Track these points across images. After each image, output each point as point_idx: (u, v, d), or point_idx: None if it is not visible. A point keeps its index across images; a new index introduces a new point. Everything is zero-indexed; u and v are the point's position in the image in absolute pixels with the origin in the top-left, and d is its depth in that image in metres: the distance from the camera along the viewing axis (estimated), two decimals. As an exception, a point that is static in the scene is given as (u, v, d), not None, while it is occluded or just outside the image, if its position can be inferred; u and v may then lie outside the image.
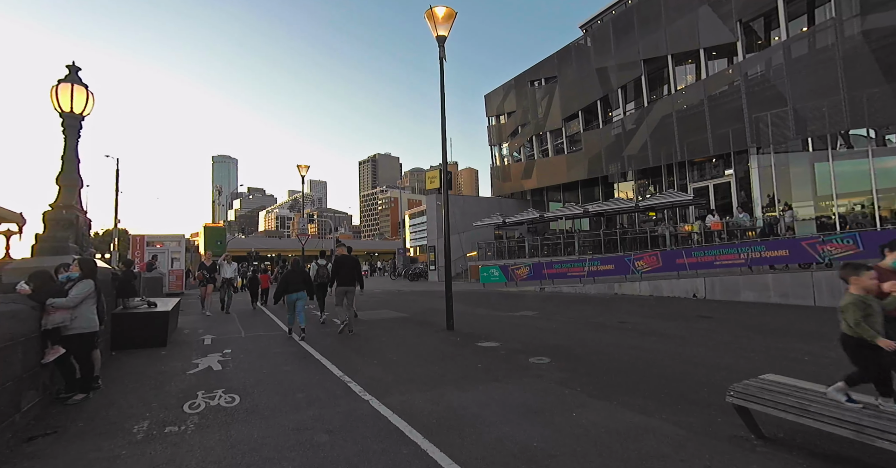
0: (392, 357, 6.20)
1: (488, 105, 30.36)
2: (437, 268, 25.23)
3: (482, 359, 5.94)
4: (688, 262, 12.32)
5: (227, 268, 12.23)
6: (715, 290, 11.62)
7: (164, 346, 7.24)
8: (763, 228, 12.02)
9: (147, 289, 12.53)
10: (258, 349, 6.99)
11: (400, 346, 6.99)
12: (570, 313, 10.70)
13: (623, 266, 13.74)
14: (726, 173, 16.78)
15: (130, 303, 7.49)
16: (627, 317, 9.66)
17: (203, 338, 8.11)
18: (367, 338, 7.81)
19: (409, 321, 9.99)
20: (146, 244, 19.42)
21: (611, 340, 7.06)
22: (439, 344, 7.12)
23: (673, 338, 7.06)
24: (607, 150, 20.73)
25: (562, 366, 5.42)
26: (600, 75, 20.86)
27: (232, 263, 12.61)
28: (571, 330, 8.25)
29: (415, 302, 14.52)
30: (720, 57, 16.48)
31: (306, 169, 22.52)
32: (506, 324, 9.12)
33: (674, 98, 17.48)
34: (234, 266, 12.68)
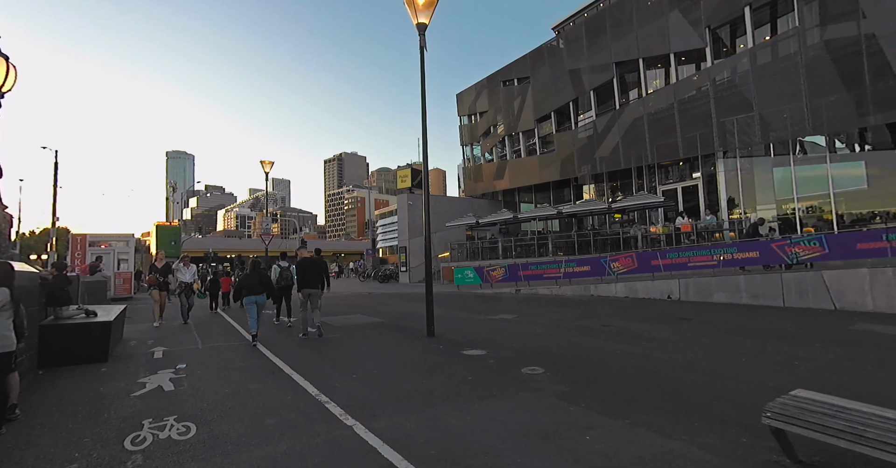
0: (373, 369, 5.63)
1: (460, 104, 30.05)
2: (408, 269, 24.62)
3: (471, 369, 5.49)
4: (662, 264, 12.40)
5: (186, 272, 10.47)
6: (689, 292, 11.73)
7: (105, 362, 6.33)
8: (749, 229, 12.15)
9: (88, 295, 11.25)
10: (218, 363, 6.22)
11: (380, 356, 6.42)
12: (551, 316, 10.45)
13: (599, 267, 13.70)
14: (694, 176, 17.22)
15: (63, 312, 6.50)
16: (610, 319, 9.50)
17: (153, 350, 7.20)
18: (342, 348, 7.17)
19: (385, 327, 9.40)
20: (89, 244, 17.66)
21: (600, 346, 6.79)
22: (422, 353, 6.60)
23: (663, 343, 6.88)
24: (579, 151, 20.87)
25: (558, 377, 5.05)
26: (573, 77, 20.98)
27: (190, 266, 10.74)
28: (557, 334, 7.95)
29: (388, 305, 13.90)
30: (689, 62, 16.89)
31: (270, 165, 21.33)
32: (488, 329, 8.72)
33: (645, 101, 17.78)
34: (193, 269, 10.77)
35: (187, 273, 10.50)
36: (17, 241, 42.48)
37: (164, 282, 10.08)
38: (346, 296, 17.81)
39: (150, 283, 10.24)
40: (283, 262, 10.90)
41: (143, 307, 15.28)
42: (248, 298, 7.70)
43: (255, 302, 7.68)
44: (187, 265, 10.68)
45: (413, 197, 25.36)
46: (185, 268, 10.55)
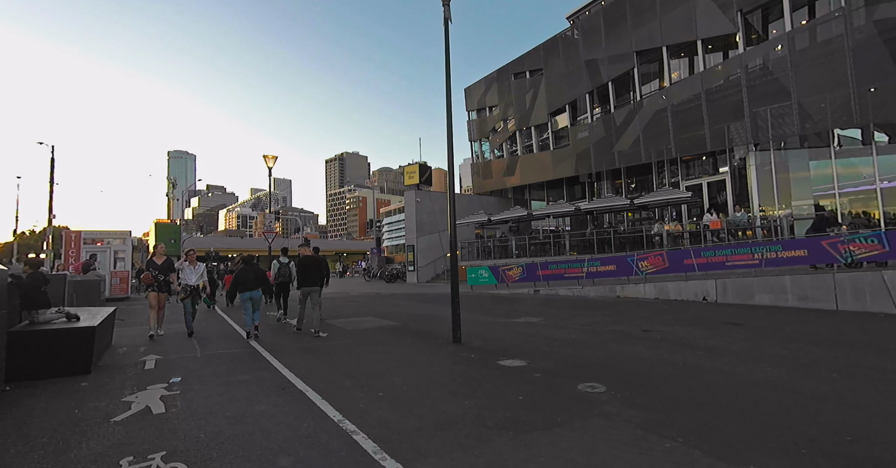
0: (401, 385, 4.76)
1: (468, 99, 29.17)
2: (416, 268, 23.76)
3: (518, 386, 4.61)
4: (696, 263, 11.51)
5: (191, 272, 8.39)
6: (727, 293, 10.84)
7: (88, 374, 5.47)
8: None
9: (79, 296, 10.41)
10: (219, 375, 5.36)
11: (406, 368, 5.55)
12: (581, 319, 9.58)
13: (625, 267, 12.82)
14: (721, 170, 16.32)
15: (40, 316, 5.64)
16: (647, 324, 8.63)
17: (144, 359, 6.34)
18: (358, 356, 6.30)
19: (402, 331, 8.53)
20: (83, 241, 16.82)
21: (652, 356, 5.91)
22: (453, 364, 5.73)
23: (722, 353, 6.00)
24: (596, 145, 19.98)
25: (626, 397, 4.17)
26: (589, 68, 20.09)
27: (198, 265, 8.60)
28: (596, 341, 7.08)
29: (400, 306, 13.04)
30: (716, 50, 15.99)
31: (273, 159, 20.51)
32: (517, 335, 7.86)
33: (668, 92, 16.87)
34: (202, 269, 8.58)
35: (193, 273, 8.39)
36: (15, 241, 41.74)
37: (164, 282, 8.17)
38: (354, 297, 16.96)
39: (146, 283, 8.15)
40: (284, 259, 10.63)
41: (138, 308, 14.44)
42: (244, 294, 7.91)
43: (249, 297, 7.89)
44: (193, 263, 8.49)
45: (421, 193, 24.50)
46: (191, 267, 8.43)
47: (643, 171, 19.44)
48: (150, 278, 8.08)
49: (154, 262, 8.27)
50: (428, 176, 24.98)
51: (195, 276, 8.38)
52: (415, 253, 23.88)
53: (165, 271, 8.20)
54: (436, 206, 24.70)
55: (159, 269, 8.14)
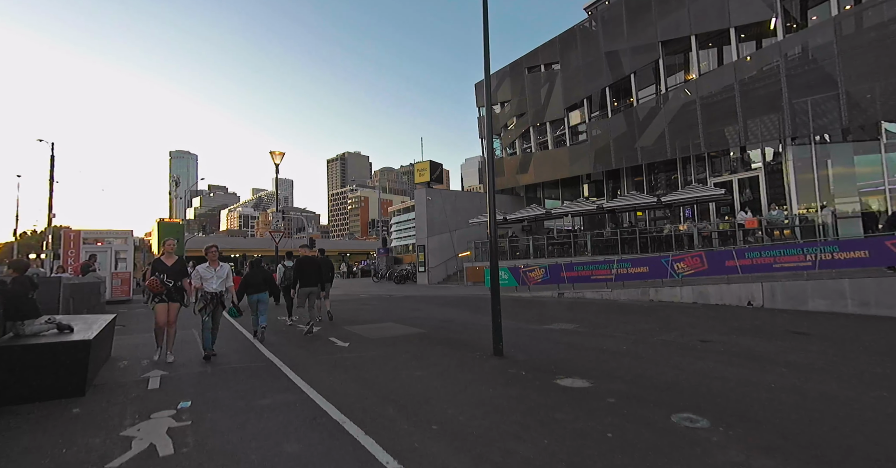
0: (455, 413, 3.96)
1: (478, 94, 28.33)
2: (427, 269, 22.97)
3: (597, 416, 3.81)
4: (739, 265, 10.70)
5: (212, 276, 6.49)
6: (776, 297, 10.02)
7: (82, 396, 4.69)
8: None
9: (76, 300, 9.61)
10: (235, 397, 4.57)
11: (452, 388, 4.75)
12: (621, 327, 8.79)
13: (659, 268, 12.01)
14: (753, 166, 15.48)
15: (26, 327, 4.86)
16: (700, 332, 7.84)
17: (147, 375, 5.56)
18: (392, 372, 5.51)
19: (432, 341, 7.73)
20: (83, 241, 16.07)
21: (733, 375, 5.10)
22: (506, 384, 4.93)
23: (811, 371, 5.21)
24: (616, 141, 19.15)
25: (739, 435, 3.37)
26: (610, 60, 19.26)
27: (221, 266, 6.68)
28: (655, 354, 6.28)
29: (419, 310, 12.24)
30: (749, 39, 15.15)
31: (281, 156, 19.73)
32: (560, 346, 7.07)
33: (697, 83, 16.03)
34: (226, 271, 6.66)
35: (215, 276, 6.48)
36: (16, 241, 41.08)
37: (176, 289, 6.17)
38: (366, 300, 16.17)
39: (153, 290, 6.08)
40: (289, 262, 10.68)
41: (141, 312, 13.68)
42: (251, 297, 7.87)
43: (257, 299, 7.88)
44: (215, 263, 6.58)
45: (432, 191, 23.70)
46: (212, 269, 6.51)
47: (666, 167, 18.61)
48: (157, 285, 5.98)
49: (162, 263, 6.17)
50: (439, 173, 24.21)
51: (218, 281, 6.46)
52: (426, 253, 23.09)
53: (177, 275, 6.19)
54: (447, 205, 23.93)
55: (169, 273, 6.10)
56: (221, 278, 6.56)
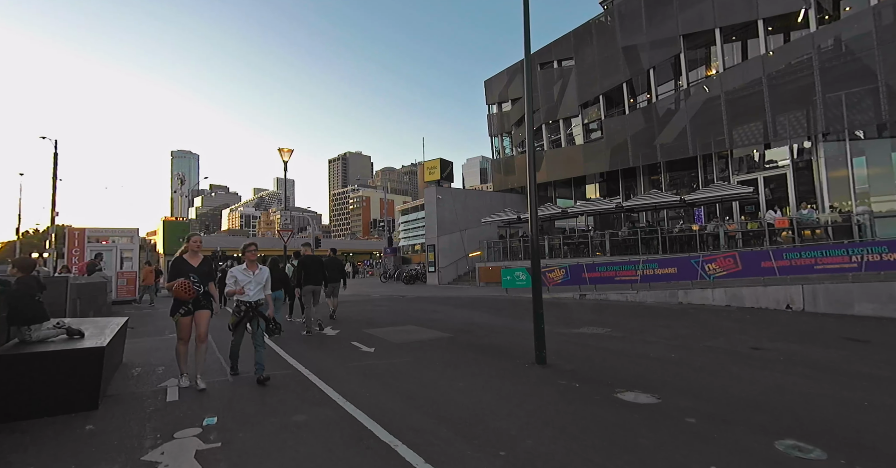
0: (521, 436, 3.48)
1: (488, 92, 27.88)
2: (437, 269, 22.48)
3: (686, 442, 3.33)
4: (777, 266, 10.20)
5: (249, 281, 5.20)
6: (817, 300, 9.51)
7: (95, 410, 4.23)
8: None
9: (82, 300, 9.15)
10: (266, 413, 4.09)
11: (505, 404, 4.26)
12: (658, 331, 8.32)
13: (688, 269, 11.52)
14: (781, 164, 14.96)
15: (33, 333, 4.40)
16: (747, 338, 7.36)
17: (164, 384, 5.10)
18: (432, 383, 5.03)
19: (461, 346, 7.26)
20: (87, 240, 15.63)
21: (811, 390, 4.61)
22: (564, 399, 4.44)
23: (890, 383, 4.73)
24: (634, 138, 18.65)
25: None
26: (627, 55, 18.76)
27: (260, 269, 5.38)
28: (711, 364, 5.80)
29: (437, 312, 11.76)
30: (776, 31, 14.64)
31: (289, 153, 19.26)
32: (603, 353, 6.60)
33: (722, 78, 15.52)
34: (265, 275, 5.39)
35: (253, 282, 5.18)
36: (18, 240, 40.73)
37: (203, 295, 4.91)
38: (378, 301, 15.70)
39: (181, 296, 4.71)
40: (295, 262, 10.48)
41: (148, 312, 13.25)
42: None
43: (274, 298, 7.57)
44: (253, 266, 5.30)
45: (442, 190, 23.22)
46: (249, 272, 5.23)
47: (686, 165, 18.10)
48: (188, 289, 4.65)
49: (186, 264, 4.90)
50: (449, 171, 23.72)
51: (256, 287, 5.17)
52: (436, 253, 22.61)
53: (204, 277, 4.94)
54: (457, 204, 23.46)
55: (196, 273, 4.88)
56: (261, 284, 5.24)
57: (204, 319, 4.96)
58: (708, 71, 17.13)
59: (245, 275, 5.21)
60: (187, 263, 4.97)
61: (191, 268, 4.94)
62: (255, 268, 5.31)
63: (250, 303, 5.16)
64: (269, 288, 5.37)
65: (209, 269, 5.11)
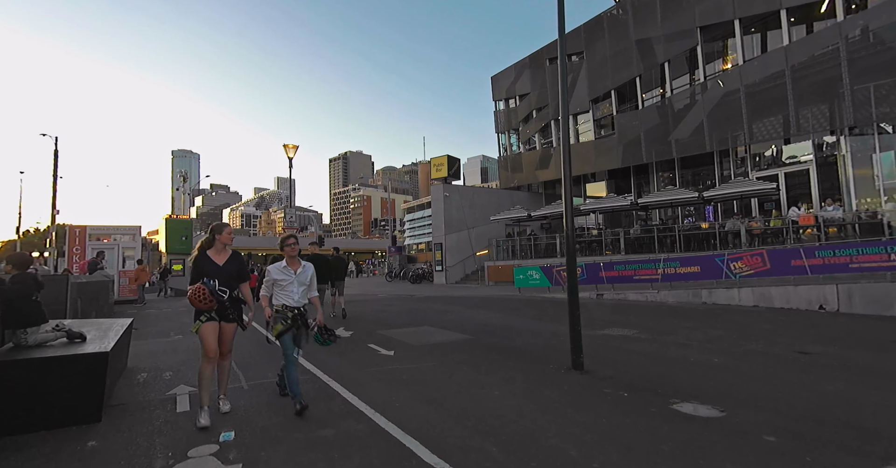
0: (581, 458, 3.05)
1: (496, 88, 27.44)
2: (444, 268, 22.07)
3: (773, 466, 2.91)
4: (808, 265, 9.77)
5: (291, 280, 4.13)
6: (853, 301, 9.08)
7: (98, 422, 3.82)
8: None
9: (83, 301, 8.74)
10: (288, 426, 3.68)
11: (553, 417, 3.83)
12: (687, 333, 7.92)
13: (713, 268, 11.09)
14: (803, 159, 14.51)
15: (30, 336, 3.99)
16: (786, 341, 6.97)
17: (173, 392, 4.70)
18: (465, 391, 4.61)
19: (484, 349, 6.84)
20: (88, 237, 15.23)
21: (877, 398, 4.21)
22: (615, 410, 4.01)
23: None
24: (648, 134, 18.21)
25: None
26: (641, 48, 18.31)
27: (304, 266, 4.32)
28: (756, 369, 5.40)
29: (450, 312, 11.34)
30: (799, 22, 14.18)
31: (294, 149, 18.88)
32: (639, 357, 6.20)
33: (742, 71, 15.06)
34: (310, 272, 4.31)
35: (295, 282, 4.14)
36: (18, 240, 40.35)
37: (232, 301, 3.91)
38: (387, 300, 15.28)
39: (198, 305, 3.72)
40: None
41: (152, 313, 12.84)
42: None
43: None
44: (295, 262, 4.24)
45: (450, 188, 22.80)
46: (289, 270, 4.17)
47: (701, 161, 17.66)
48: (203, 297, 3.65)
49: (210, 261, 3.87)
50: (457, 169, 23.31)
51: (300, 289, 4.13)
52: (443, 251, 22.19)
53: (233, 279, 3.94)
54: (465, 201, 23.05)
55: (223, 276, 3.84)
56: (304, 285, 4.17)
57: (228, 335, 3.96)
58: (723, 65, 16.68)
59: (285, 273, 4.16)
60: (211, 262, 3.87)
61: (215, 267, 3.86)
62: (296, 265, 4.23)
63: (296, 308, 4.09)
64: (315, 288, 4.38)
65: (239, 269, 4.01)
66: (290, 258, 4.24)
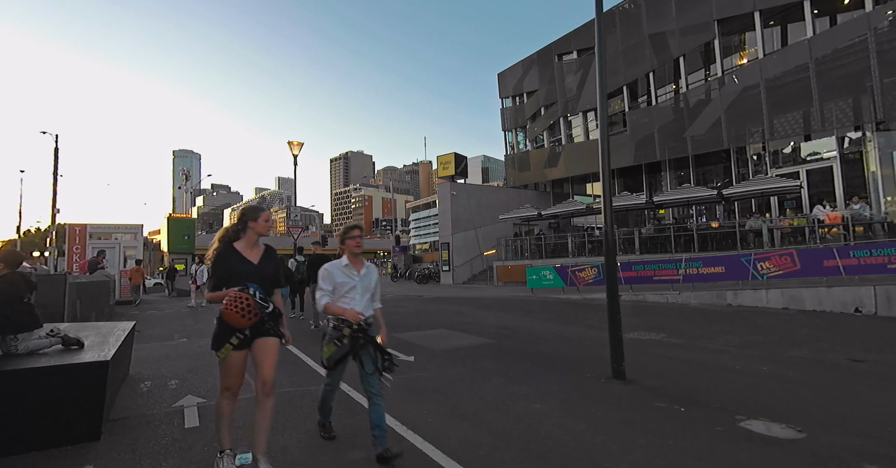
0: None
1: (502, 85, 27.00)
2: (451, 268, 21.64)
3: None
4: (842, 265, 9.32)
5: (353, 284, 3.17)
6: (893, 304, 8.63)
7: (97, 440, 3.39)
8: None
9: (83, 302, 8.33)
10: (311, 446, 3.25)
11: (610, 438, 3.39)
12: (720, 337, 7.51)
13: (738, 268, 10.64)
14: (826, 156, 14.05)
15: (20, 343, 3.57)
16: (831, 347, 6.57)
17: (181, 404, 4.27)
18: (502, 403, 4.18)
19: (509, 355, 6.41)
20: (89, 236, 14.82)
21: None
22: (673, 428, 3.56)
23: None
24: (661, 131, 17.76)
25: None
26: (654, 43, 17.86)
27: (369, 267, 3.32)
28: (813, 379, 4.99)
29: (463, 315, 10.92)
30: (822, 15, 13.73)
31: (299, 147, 18.45)
32: (673, 363, 5.83)
33: (762, 64, 14.61)
34: (375, 275, 3.39)
35: (359, 287, 3.18)
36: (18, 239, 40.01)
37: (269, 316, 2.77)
38: (395, 301, 14.85)
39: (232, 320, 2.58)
40: (300, 257, 10.49)
41: (154, 314, 12.41)
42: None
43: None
44: (358, 261, 3.24)
45: (457, 186, 22.37)
46: (356, 271, 3.20)
47: (716, 159, 17.21)
48: (245, 308, 2.57)
49: (241, 259, 2.81)
50: (464, 167, 22.88)
51: (365, 296, 3.22)
52: (450, 251, 21.76)
53: (270, 285, 2.87)
54: (472, 200, 22.61)
55: (259, 280, 2.78)
56: (370, 291, 3.25)
57: (271, 354, 2.79)
58: (739, 60, 16.24)
59: (347, 275, 3.14)
60: (242, 259, 2.78)
61: (250, 267, 2.78)
62: (360, 264, 3.22)
63: (360, 321, 3.02)
64: (378, 297, 3.37)
65: (277, 271, 2.96)
66: (351, 256, 3.21)
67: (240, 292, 2.63)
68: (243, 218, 2.92)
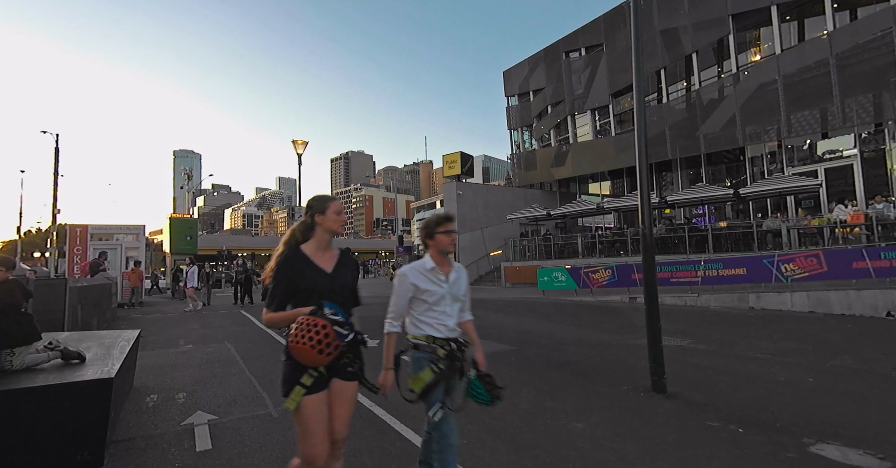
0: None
1: (508, 83, 26.63)
2: (458, 269, 21.25)
3: None
4: (873, 267, 8.96)
5: (443, 292, 2.35)
6: (926, 306, 8.28)
7: (100, 466, 3.05)
8: None
9: (84, 306, 7.99)
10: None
11: (668, 465, 3.06)
12: (751, 343, 7.16)
13: (761, 270, 10.30)
14: (846, 153, 13.70)
15: (15, 359, 3.24)
16: (873, 355, 6.21)
17: (190, 421, 3.94)
18: (539, 420, 3.86)
19: (534, 363, 6.08)
20: (90, 237, 14.49)
21: None
22: (737, 454, 3.22)
23: None
24: (673, 129, 17.40)
25: None
26: (666, 39, 17.50)
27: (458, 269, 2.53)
28: (874, 394, 4.62)
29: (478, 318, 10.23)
30: (842, 8, 13.37)
31: (304, 146, 18.12)
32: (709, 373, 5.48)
33: (780, 60, 14.24)
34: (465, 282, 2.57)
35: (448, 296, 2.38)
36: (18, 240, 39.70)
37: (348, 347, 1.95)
38: (404, 303, 14.50)
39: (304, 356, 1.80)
40: None
41: (157, 317, 12.07)
42: None
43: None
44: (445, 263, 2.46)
45: (463, 185, 22.02)
46: (444, 276, 2.40)
47: (730, 157, 16.85)
48: (329, 341, 1.78)
49: (311, 265, 2.05)
50: (470, 166, 22.52)
51: (456, 307, 2.45)
52: (456, 251, 21.39)
53: (349, 301, 2.13)
54: (478, 200, 22.26)
55: (336, 295, 2.04)
56: (460, 301, 2.50)
57: (346, 403, 2.07)
58: (754, 56, 15.88)
59: (434, 280, 2.38)
60: (312, 266, 2.06)
61: (323, 277, 2.06)
62: (448, 267, 2.46)
63: (454, 341, 2.37)
64: (469, 306, 2.61)
65: (356, 279, 2.25)
66: (442, 255, 2.43)
67: (313, 318, 1.83)
68: (310, 210, 2.16)
